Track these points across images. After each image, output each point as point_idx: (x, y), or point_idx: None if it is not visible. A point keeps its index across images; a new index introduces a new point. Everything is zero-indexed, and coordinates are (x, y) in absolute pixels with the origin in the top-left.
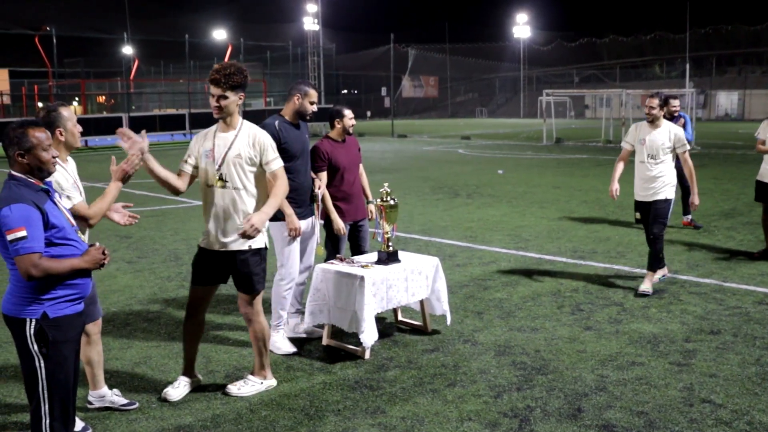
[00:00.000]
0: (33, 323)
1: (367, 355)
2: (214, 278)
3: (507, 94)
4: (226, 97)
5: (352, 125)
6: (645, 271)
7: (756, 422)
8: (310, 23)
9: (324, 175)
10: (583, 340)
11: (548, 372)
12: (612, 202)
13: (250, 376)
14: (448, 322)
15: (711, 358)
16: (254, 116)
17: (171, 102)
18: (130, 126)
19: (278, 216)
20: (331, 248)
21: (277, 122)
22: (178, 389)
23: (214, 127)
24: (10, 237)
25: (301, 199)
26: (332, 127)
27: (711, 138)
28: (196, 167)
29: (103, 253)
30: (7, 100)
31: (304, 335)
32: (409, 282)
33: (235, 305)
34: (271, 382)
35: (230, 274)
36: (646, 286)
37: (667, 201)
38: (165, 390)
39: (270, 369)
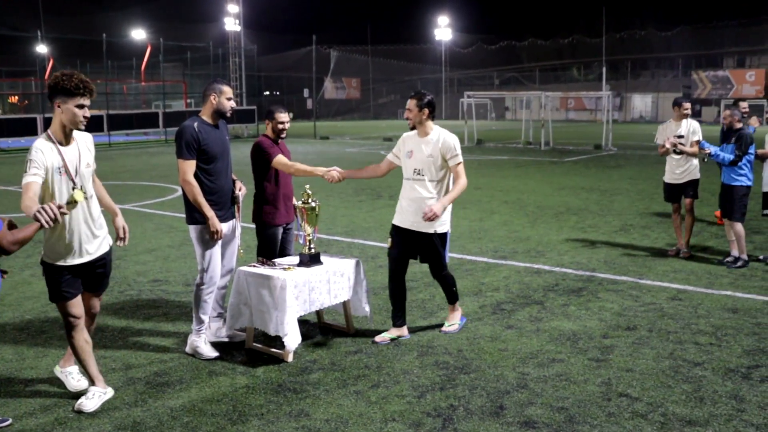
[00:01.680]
0: None
1: (290, 358)
2: (80, 288)
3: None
4: (89, 107)
5: (282, 129)
6: (564, 270)
7: (670, 414)
8: (232, 24)
9: (281, 158)
10: (505, 339)
11: (471, 371)
12: (533, 202)
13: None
14: (371, 324)
15: (627, 353)
16: (175, 118)
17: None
18: (45, 127)
19: (199, 219)
20: (265, 253)
21: (195, 123)
22: (93, 400)
23: (48, 141)
24: None
25: (222, 202)
26: (267, 126)
27: (626, 139)
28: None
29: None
30: None
31: (226, 339)
32: (331, 284)
33: (157, 310)
34: None
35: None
36: (452, 324)
37: (438, 236)
38: (78, 401)
39: None
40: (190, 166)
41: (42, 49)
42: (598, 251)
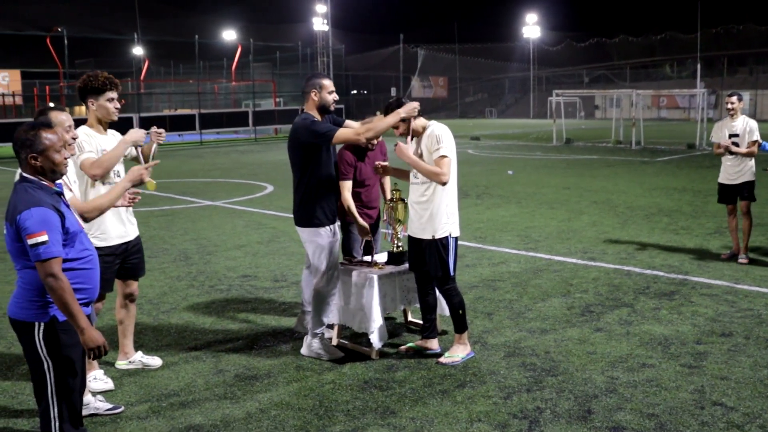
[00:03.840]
0: (42, 327)
1: (376, 356)
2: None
3: (516, 94)
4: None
5: (370, 148)
6: (655, 272)
7: None
8: (320, 24)
9: (349, 183)
10: (593, 342)
11: (558, 373)
12: (623, 203)
13: (142, 353)
14: None
15: (722, 360)
16: (264, 116)
17: (181, 102)
18: (140, 126)
19: (313, 222)
20: (347, 248)
21: (309, 120)
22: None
23: (89, 129)
24: (31, 241)
25: (329, 194)
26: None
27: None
28: None
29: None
30: (19, 100)
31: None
32: None
33: (246, 304)
34: None
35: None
36: (452, 357)
37: (437, 242)
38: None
39: None
40: (339, 131)
41: (138, 51)
42: (691, 254)
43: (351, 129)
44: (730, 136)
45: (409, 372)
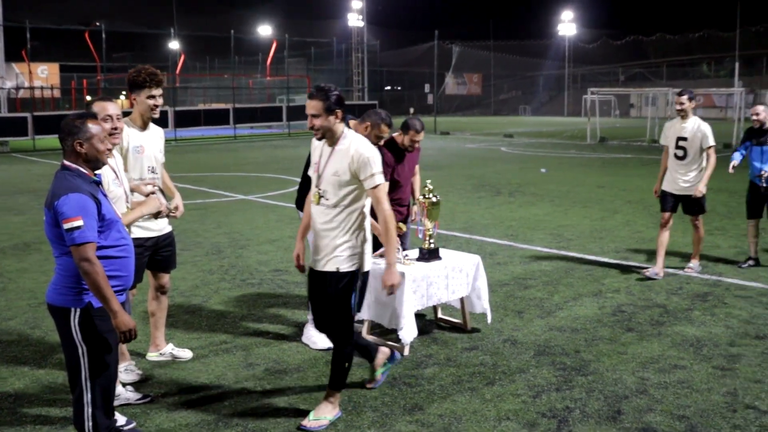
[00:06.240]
0: (78, 313)
1: (405, 352)
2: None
3: (551, 92)
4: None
5: (411, 144)
6: (688, 273)
7: None
8: (355, 19)
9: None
10: (624, 342)
11: (588, 373)
12: (657, 202)
13: (173, 346)
14: (488, 321)
15: (756, 363)
16: (298, 111)
17: (215, 96)
18: (175, 120)
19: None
20: (378, 244)
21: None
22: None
23: (127, 127)
24: (66, 226)
25: None
26: (400, 135)
27: None
28: None
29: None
30: (57, 93)
31: None
32: (449, 279)
33: (277, 299)
34: None
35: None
36: (318, 419)
37: (344, 276)
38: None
39: None
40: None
41: (174, 45)
42: (725, 255)
43: None
44: (678, 139)
45: (438, 369)
